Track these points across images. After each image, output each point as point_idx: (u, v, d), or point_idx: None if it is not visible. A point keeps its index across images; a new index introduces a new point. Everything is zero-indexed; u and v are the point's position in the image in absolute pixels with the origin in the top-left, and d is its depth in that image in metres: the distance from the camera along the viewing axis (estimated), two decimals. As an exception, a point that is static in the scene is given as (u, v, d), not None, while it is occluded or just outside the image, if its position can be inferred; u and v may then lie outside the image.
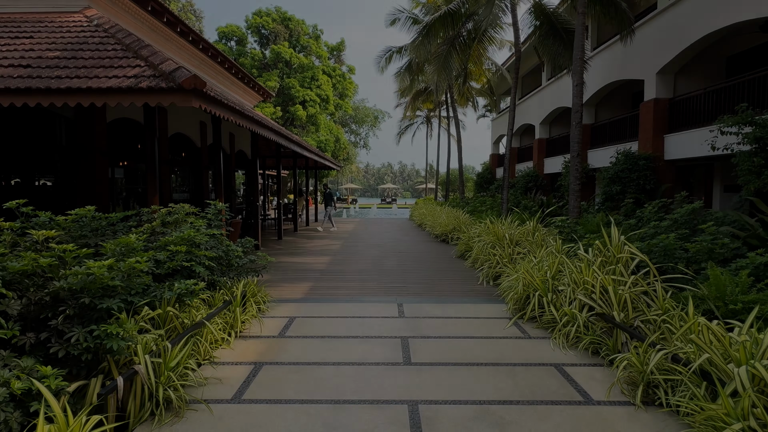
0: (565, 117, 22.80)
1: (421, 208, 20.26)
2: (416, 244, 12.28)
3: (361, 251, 10.94)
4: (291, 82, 32.77)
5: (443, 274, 8.00)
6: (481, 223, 11.53)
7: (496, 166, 31.64)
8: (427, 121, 40.72)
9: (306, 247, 11.81)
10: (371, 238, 13.80)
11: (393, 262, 9.39)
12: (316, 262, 9.35)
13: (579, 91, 9.09)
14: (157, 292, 3.66)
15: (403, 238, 13.96)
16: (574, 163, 9.10)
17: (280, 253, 10.55)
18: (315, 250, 11.06)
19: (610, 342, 3.96)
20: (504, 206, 14.32)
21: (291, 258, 9.86)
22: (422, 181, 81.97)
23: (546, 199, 17.36)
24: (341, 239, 13.56)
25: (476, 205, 17.88)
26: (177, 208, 5.57)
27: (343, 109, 38.78)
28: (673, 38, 12.06)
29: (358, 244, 12.44)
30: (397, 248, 11.49)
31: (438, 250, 11.24)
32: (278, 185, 13.61)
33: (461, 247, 10.04)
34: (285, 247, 11.69)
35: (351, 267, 8.78)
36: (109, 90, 4.96)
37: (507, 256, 7.19)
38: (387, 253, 10.68)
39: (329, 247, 11.77)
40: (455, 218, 13.30)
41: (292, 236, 14.48)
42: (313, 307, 5.81)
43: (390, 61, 20.72)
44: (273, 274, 8.03)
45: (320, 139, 34.46)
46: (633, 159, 12.82)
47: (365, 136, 56.00)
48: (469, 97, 24.15)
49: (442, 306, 5.84)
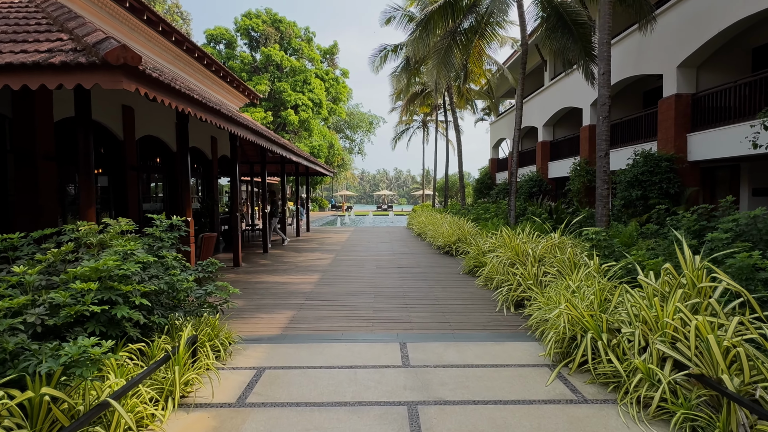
0: (570, 118, 21.69)
1: (420, 215, 18.99)
2: (417, 257, 10.98)
3: (355, 267, 9.63)
4: (282, 86, 31.56)
5: (453, 297, 6.70)
6: (491, 234, 10.28)
7: (495, 170, 30.49)
8: (423, 125, 39.61)
9: (293, 262, 10.49)
10: (367, 250, 12.49)
11: (392, 280, 8.08)
12: (302, 281, 8.03)
13: (606, 80, 7.88)
14: (30, 361, 2.35)
15: (402, 249, 12.67)
16: (602, 164, 7.86)
17: (263, 271, 9.22)
18: (303, 266, 9.74)
19: (720, 421, 2.68)
20: (511, 213, 13.08)
21: (274, 277, 8.53)
22: (418, 187, 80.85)
23: (555, 205, 16.15)
24: (333, 251, 12.25)
25: (479, 212, 16.63)
26: (113, 224, 4.26)
27: (337, 113, 37.59)
28: (697, 27, 10.94)
29: (352, 257, 11.14)
30: (397, 262, 10.19)
31: (442, 264, 9.94)
32: (263, 192, 12.31)
33: (469, 261, 8.77)
34: (270, 263, 10.35)
35: (343, 288, 7.46)
36: (8, 67, 3.66)
37: (531, 276, 5.90)
38: (385, 268, 9.38)
39: (319, 262, 10.45)
40: (459, 228, 12.03)
41: (279, 248, 13.15)
42: (290, 351, 4.48)
43: (385, 61, 19.56)
44: (248, 298, 6.70)
45: (313, 145, 33.20)
46: (654, 160, 11.63)
47: (360, 142, 54.89)
48: (469, 98, 23.02)
49: (457, 346, 4.53)
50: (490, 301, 6.35)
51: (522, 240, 7.08)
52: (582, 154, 16.99)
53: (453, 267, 9.50)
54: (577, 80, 17.47)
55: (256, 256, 11.48)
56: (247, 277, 8.52)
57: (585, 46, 13.10)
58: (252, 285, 7.75)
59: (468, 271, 8.68)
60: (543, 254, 6.39)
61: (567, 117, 21.55)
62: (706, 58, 11.60)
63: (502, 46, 17.31)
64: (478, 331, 5.06)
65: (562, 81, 19.00)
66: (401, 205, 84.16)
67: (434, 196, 32.54)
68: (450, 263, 10.03)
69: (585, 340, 3.72)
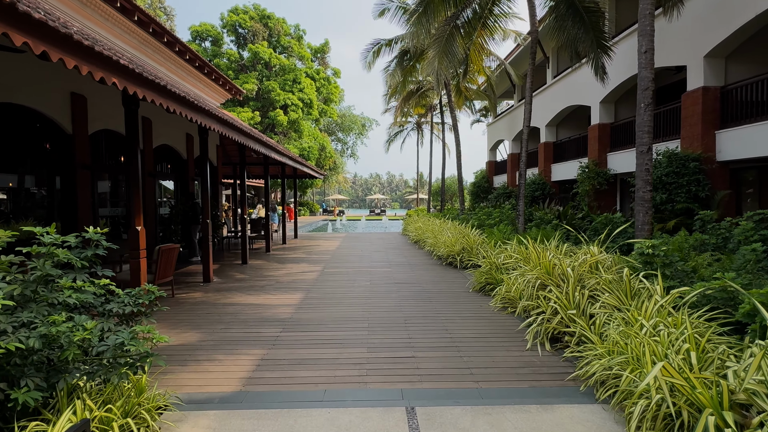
0: (574, 118, 20.53)
1: (416, 221, 17.66)
2: (417, 270, 9.62)
3: (345, 283, 8.24)
4: (271, 85, 30.16)
5: (467, 326, 5.35)
6: (501, 244, 8.98)
7: (493, 174, 29.30)
8: (417, 127, 38.38)
9: (274, 276, 9.07)
10: (359, 261, 11.11)
11: (389, 301, 6.71)
12: (281, 303, 6.63)
13: (648, 59, 6.61)
14: None
15: (399, 260, 11.30)
16: (643, 162, 6.57)
17: (237, 288, 7.79)
18: (284, 282, 8.33)
19: None
20: (520, 219, 11.79)
21: (248, 296, 7.12)
22: (412, 192, 79.66)
23: (563, 210, 14.91)
24: (321, 262, 10.85)
25: (481, 217, 15.34)
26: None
27: (328, 115, 36.24)
28: (727, 12, 9.77)
29: (342, 270, 9.75)
30: (394, 276, 8.82)
31: (446, 279, 8.59)
32: (242, 195, 10.90)
33: (480, 277, 7.42)
34: (246, 277, 8.93)
35: (329, 312, 6.07)
36: None
37: (572, 304, 4.56)
38: (380, 284, 8.00)
39: (304, 276, 9.05)
40: (463, 236, 10.70)
41: (261, 258, 11.72)
42: (248, 425, 3.08)
43: (378, 55, 18.27)
44: (209, 329, 5.29)
45: (303, 147, 31.79)
46: (680, 160, 10.42)
47: (352, 144, 53.58)
48: (468, 97, 21.80)
49: (488, 413, 3.17)
50: (516, 333, 5.00)
51: (552, 254, 5.75)
52: (591, 155, 15.79)
53: (460, 282, 8.15)
54: (585, 76, 16.31)
55: (232, 269, 10.05)
56: (215, 297, 7.10)
57: (597, 36, 11.90)
58: (219, 308, 6.33)
59: (479, 289, 7.33)
60: (581, 273, 5.06)
61: (571, 117, 20.41)
62: (736, 48, 10.44)
63: (505, 39, 16.07)
64: (512, 384, 3.70)
65: (568, 78, 17.84)
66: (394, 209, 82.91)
67: (429, 200, 31.26)
68: (455, 278, 8.68)
69: (701, 424, 2.37)
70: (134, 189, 5.90)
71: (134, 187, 5.90)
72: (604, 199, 15.36)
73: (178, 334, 5.11)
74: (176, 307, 6.41)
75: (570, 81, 17.70)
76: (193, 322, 5.59)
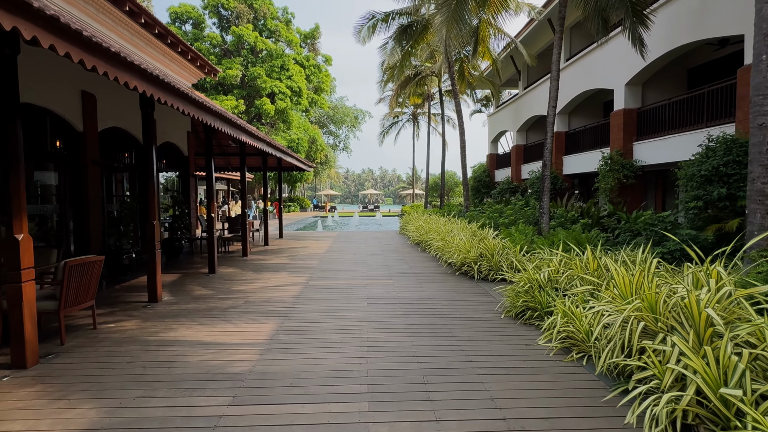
0: (589, 105, 18.71)
1: (417, 219, 15.75)
2: (425, 283, 7.71)
3: (334, 305, 6.30)
4: (257, 72, 27.95)
5: (521, 388, 3.44)
6: (534, 251, 7.12)
7: (495, 167, 27.47)
8: (413, 119, 36.37)
9: (244, 292, 7.10)
10: (353, 269, 9.17)
11: (397, 338, 4.78)
12: (241, 341, 4.67)
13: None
14: None
15: (401, 267, 9.38)
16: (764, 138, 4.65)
17: (189, 313, 5.81)
18: (254, 303, 6.37)
19: None
20: (544, 218, 9.93)
21: (198, 329, 5.15)
22: (405, 187, 77.79)
23: (586, 206, 13.08)
24: (307, 271, 8.90)
25: (492, 215, 13.45)
26: None
27: (319, 105, 34.11)
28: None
29: (331, 283, 7.80)
30: (397, 293, 6.89)
31: (467, 298, 6.68)
32: (209, 188, 8.90)
33: (515, 299, 5.51)
34: (208, 294, 6.95)
35: (308, 362, 4.12)
36: None
37: (719, 377, 2.65)
38: (381, 307, 6.07)
39: (281, 292, 7.09)
40: (479, 239, 8.79)
41: (235, 265, 9.73)
42: None
43: (374, 32, 16.24)
44: (117, 403, 3.30)
45: (292, 138, 29.67)
46: (740, 147, 8.59)
47: (345, 138, 51.51)
48: (471, 82, 19.88)
49: None
50: (605, 405, 3.11)
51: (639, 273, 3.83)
52: (614, 145, 13.96)
53: (485, 303, 6.24)
54: (608, 55, 14.46)
55: (195, 280, 8.05)
56: (154, 328, 5.12)
57: (632, 2, 10.05)
58: (150, 351, 4.36)
59: (515, 315, 5.43)
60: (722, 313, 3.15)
61: (586, 104, 18.59)
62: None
63: (518, 12, 14.12)
64: None
65: (585, 59, 15.96)
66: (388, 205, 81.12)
67: (426, 196, 29.35)
68: (476, 295, 6.77)
69: None
70: (14, 174, 3.90)
71: (13, 171, 3.90)
72: (629, 194, 13.54)
73: (58, 412, 3.14)
74: (88, 349, 4.43)
75: (588, 62, 15.83)
76: (98, 383, 3.62)
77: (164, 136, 11.74)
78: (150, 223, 6.36)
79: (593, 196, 18.75)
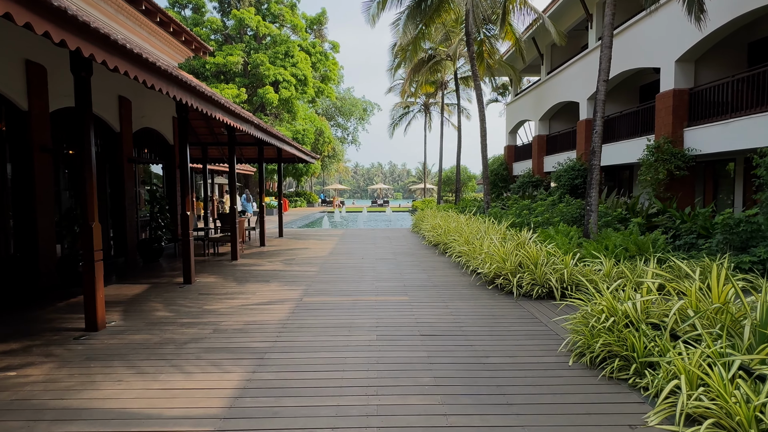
0: (624, 88, 16.81)
1: (432, 216, 14.06)
2: (452, 301, 6.05)
3: (330, 341, 4.66)
4: (260, 58, 26.32)
5: None
6: (586, 259, 5.46)
7: (513, 159, 25.61)
8: (425, 109, 34.53)
9: (217, 313, 5.50)
10: (359, 280, 7.53)
11: (423, 410, 3.13)
12: (179, 419, 3.06)
13: None
14: None
15: (418, 276, 7.72)
16: None
17: (134, 350, 4.21)
18: (223, 335, 4.76)
19: None
20: (592, 217, 8.19)
21: (127, 385, 3.54)
22: (416, 181, 75.99)
23: (630, 203, 11.29)
24: (302, 282, 7.29)
25: (522, 213, 11.72)
26: None
27: (326, 94, 32.42)
28: None
29: (330, 300, 6.18)
30: (416, 317, 5.24)
31: (511, 326, 4.99)
32: (183, 180, 7.30)
33: (588, 337, 3.82)
34: (170, 317, 5.36)
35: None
36: None
37: None
38: (395, 342, 4.43)
39: (263, 318, 5.47)
40: (516, 243, 7.08)
41: (219, 272, 8.15)
42: None
43: (384, 7, 14.50)
44: None
45: (297, 129, 28.06)
46: None
47: (353, 131, 49.84)
48: (491, 65, 18.06)
49: None
50: None
51: None
52: (661, 132, 12.11)
53: (540, 337, 4.55)
54: (652, 29, 12.58)
55: (162, 295, 6.47)
56: (66, 380, 3.53)
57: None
58: None
59: (591, 361, 3.73)
60: None
61: (620, 88, 16.67)
62: None
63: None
64: None
65: (625, 35, 14.05)
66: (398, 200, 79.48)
67: (439, 191, 27.58)
68: (525, 322, 5.07)
69: None
70: None
71: None
72: (678, 189, 11.69)
73: None
74: (-56, 426, 2.84)
75: (627, 39, 13.92)
76: None
77: (143, 120, 10.20)
78: (87, 226, 4.76)
79: (622, 191, 16.91)
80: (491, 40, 17.04)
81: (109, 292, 6.54)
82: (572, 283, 6.00)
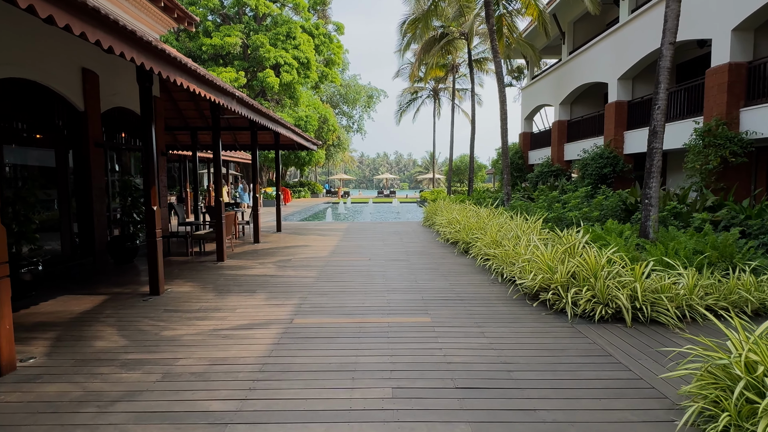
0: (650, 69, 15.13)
1: (447, 209, 12.60)
2: (491, 330, 4.63)
3: (324, 405, 3.27)
4: (260, 40, 24.76)
5: None
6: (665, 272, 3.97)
7: (529, 147, 24.00)
8: (434, 95, 32.85)
9: (171, 351, 4.13)
10: (366, 293, 6.13)
11: None
12: None
13: None
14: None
15: (439, 287, 6.31)
16: None
17: (20, 420, 2.86)
18: (173, 386, 3.38)
19: None
20: (652, 212, 6.69)
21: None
22: (422, 171, 74.31)
23: (681, 195, 9.75)
24: (295, 294, 5.89)
25: (553, 206, 10.21)
26: None
27: (330, 79, 30.82)
28: None
29: (328, 325, 4.78)
30: (449, 361, 3.82)
31: (584, 373, 3.56)
32: (147, 167, 5.89)
33: (717, 402, 2.39)
34: (104, 359, 3.98)
35: None
36: None
37: None
38: (422, 413, 3.04)
39: (237, 355, 4.09)
40: (564, 248, 5.63)
41: (198, 278, 6.78)
42: None
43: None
44: None
45: (299, 116, 26.58)
46: None
47: (359, 119, 48.22)
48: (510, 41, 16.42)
49: None
50: None
51: None
52: (713, 113, 10.52)
53: (629, 391, 3.11)
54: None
55: (117, 312, 5.09)
56: None
57: None
58: None
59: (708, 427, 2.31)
60: None
61: (653, 67, 15.00)
62: None
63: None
64: None
65: (653, 10, 12.37)
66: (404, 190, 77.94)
67: (450, 181, 26.07)
68: (598, 363, 3.64)
69: None
70: None
71: None
72: (733, 179, 10.13)
73: None
74: None
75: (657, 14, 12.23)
76: None
77: (116, 99, 8.78)
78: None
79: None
80: (512, 15, 15.39)
81: (51, 309, 5.18)
82: (646, 301, 4.56)
